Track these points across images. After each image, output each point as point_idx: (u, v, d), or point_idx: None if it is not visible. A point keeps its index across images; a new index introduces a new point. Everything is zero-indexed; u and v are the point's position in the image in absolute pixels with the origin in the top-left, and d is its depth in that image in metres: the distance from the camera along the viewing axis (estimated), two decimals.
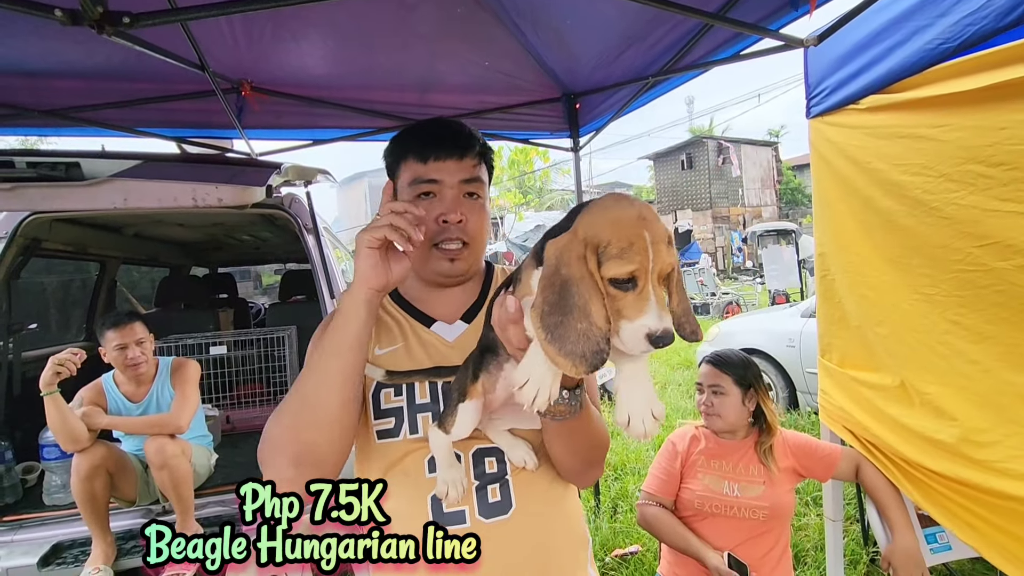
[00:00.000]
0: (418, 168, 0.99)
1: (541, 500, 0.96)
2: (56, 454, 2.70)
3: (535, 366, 0.69)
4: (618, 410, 0.69)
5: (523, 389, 0.69)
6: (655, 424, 0.68)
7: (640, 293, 0.64)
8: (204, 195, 1.63)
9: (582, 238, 0.66)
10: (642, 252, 0.63)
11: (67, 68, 2.22)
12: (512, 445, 0.95)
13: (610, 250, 0.64)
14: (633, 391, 0.69)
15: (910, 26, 1.59)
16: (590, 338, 0.63)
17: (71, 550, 2.45)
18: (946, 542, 1.86)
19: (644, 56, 2.39)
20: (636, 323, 0.63)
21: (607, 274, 0.64)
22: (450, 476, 0.89)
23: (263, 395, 3.90)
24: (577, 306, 0.64)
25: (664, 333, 0.63)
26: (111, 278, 4.10)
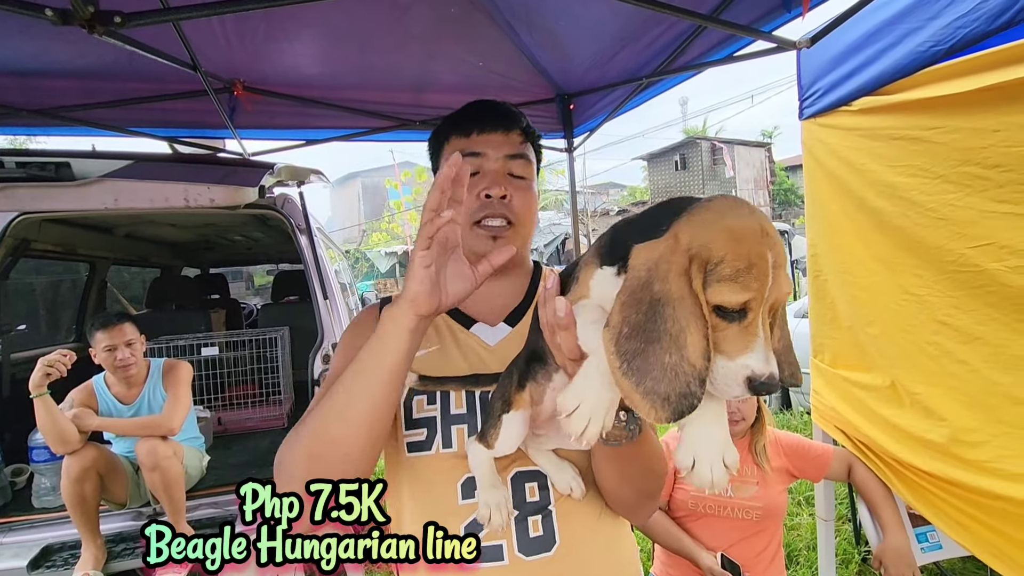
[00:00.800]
0: (462, 143, 0.93)
1: (589, 536, 0.85)
2: (46, 456, 2.68)
3: (589, 390, 0.57)
4: (682, 451, 0.57)
5: (572, 417, 0.57)
6: (724, 474, 0.56)
7: (748, 326, 0.52)
8: (196, 195, 1.62)
9: (686, 248, 0.53)
10: (761, 278, 0.51)
11: (58, 67, 2.19)
12: (557, 468, 0.84)
13: (722, 269, 0.51)
14: (704, 431, 0.57)
15: (902, 28, 1.60)
16: (679, 376, 0.51)
17: (61, 553, 2.43)
18: (937, 541, 1.87)
19: (638, 57, 2.39)
20: (737, 362, 0.52)
21: (715, 299, 0.52)
22: (493, 498, 0.79)
23: (255, 396, 3.88)
24: (669, 333, 0.52)
25: (769, 379, 0.51)
26: (101, 279, 4.07)
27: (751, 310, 0.52)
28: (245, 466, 3.14)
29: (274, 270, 6.59)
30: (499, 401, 0.77)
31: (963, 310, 1.47)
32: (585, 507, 0.85)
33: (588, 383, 0.58)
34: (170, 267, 5.20)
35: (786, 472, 1.84)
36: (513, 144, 0.94)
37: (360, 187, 35.66)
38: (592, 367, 0.58)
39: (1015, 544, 1.35)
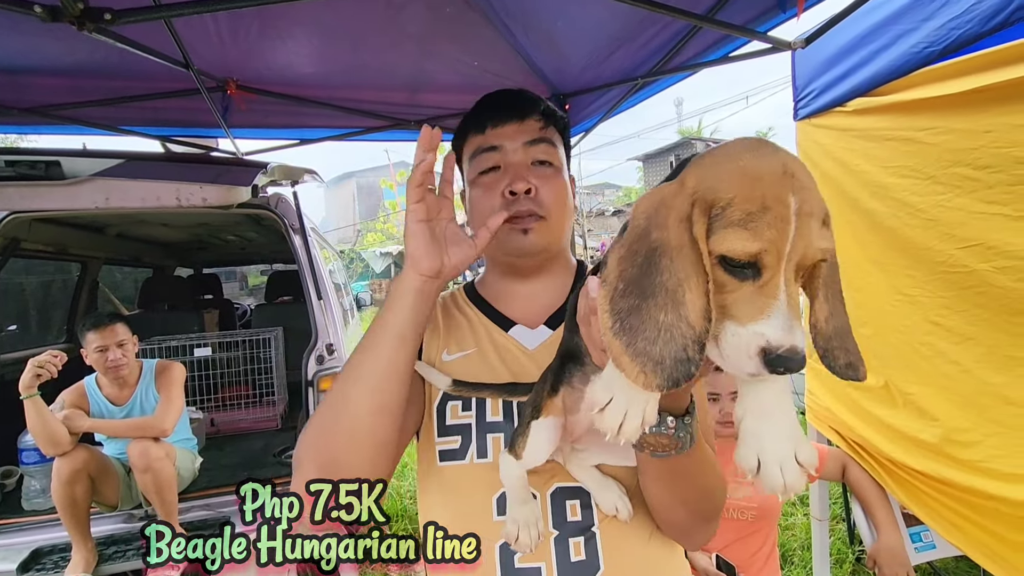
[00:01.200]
0: (478, 139, 0.88)
1: (637, 563, 0.77)
2: (35, 458, 2.65)
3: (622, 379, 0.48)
4: (743, 450, 0.49)
5: (605, 412, 0.50)
6: (799, 474, 0.47)
7: (764, 286, 0.43)
8: (188, 195, 1.60)
9: (691, 190, 0.46)
10: (778, 224, 0.42)
11: (48, 65, 2.17)
12: (601, 486, 0.77)
13: (730, 213, 0.43)
14: (768, 426, 0.48)
15: (896, 30, 1.60)
16: (674, 338, 0.44)
17: (51, 556, 2.41)
18: (930, 540, 1.87)
19: (634, 57, 2.39)
20: (748, 329, 0.43)
21: (718, 248, 0.44)
22: (522, 515, 0.72)
23: (249, 397, 3.86)
24: (665, 287, 0.45)
25: (789, 352, 0.42)
26: (93, 279, 4.04)
27: (766, 266, 0.43)
28: (238, 467, 3.11)
29: (268, 270, 6.56)
30: (530, 407, 0.71)
31: (955, 310, 1.47)
32: (633, 529, 0.78)
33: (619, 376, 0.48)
34: (163, 267, 5.16)
35: None
36: (531, 131, 0.88)
37: (355, 187, 35.57)
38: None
39: (1008, 544, 1.35)
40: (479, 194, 0.88)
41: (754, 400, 0.49)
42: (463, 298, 0.97)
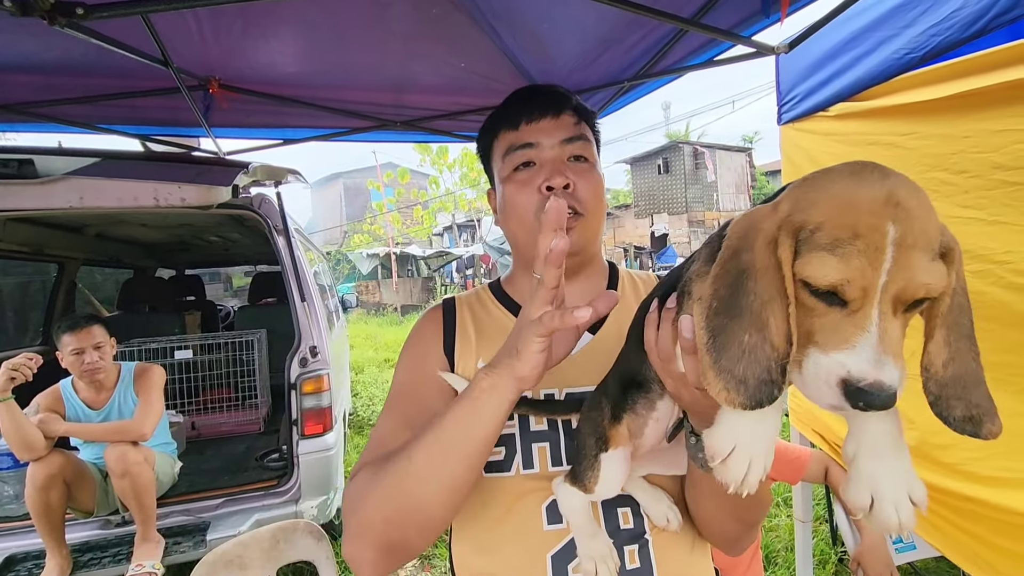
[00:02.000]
0: (511, 136, 0.87)
1: (685, 566, 0.79)
2: (9, 463, 2.59)
3: (744, 427, 0.48)
4: (855, 487, 0.48)
5: (728, 462, 0.48)
6: (912, 514, 0.46)
7: (853, 315, 0.42)
8: (167, 194, 1.57)
9: (782, 213, 0.45)
10: (869, 253, 0.40)
11: (22, 61, 2.12)
12: (652, 497, 0.77)
13: (818, 237, 0.42)
14: (881, 463, 0.47)
15: (877, 36, 1.62)
16: (757, 359, 0.44)
17: (25, 563, 2.35)
18: (911, 541, 1.89)
19: (621, 60, 2.39)
20: (831, 358, 0.42)
21: (802, 272, 0.43)
22: (595, 550, 0.71)
23: (231, 400, 3.81)
24: (750, 309, 0.45)
25: (873, 387, 0.40)
26: (70, 280, 3.96)
27: (851, 296, 0.41)
28: (219, 472, 3.07)
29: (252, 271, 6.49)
30: (592, 438, 0.68)
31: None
32: (680, 538, 0.79)
33: (743, 419, 0.49)
34: (143, 268, 5.08)
35: None
36: (567, 127, 0.87)
37: (342, 188, 35.36)
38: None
39: (987, 546, 1.36)
40: (513, 191, 0.86)
41: (867, 438, 0.48)
42: (491, 300, 0.94)
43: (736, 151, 29.63)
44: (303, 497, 2.73)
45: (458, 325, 0.90)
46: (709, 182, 27.15)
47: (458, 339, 0.88)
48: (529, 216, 0.84)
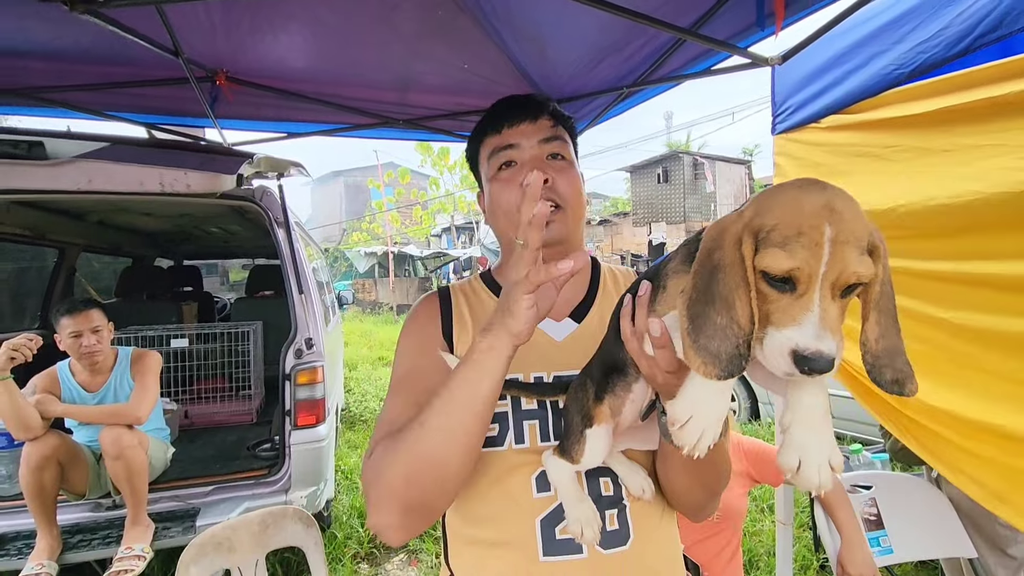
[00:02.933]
0: (494, 140, 0.95)
1: (656, 530, 0.87)
2: (2, 443, 2.61)
3: (701, 402, 0.58)
4: (786, 451, 0.57)
5: (685, 429, 0.58)
6: (831, 476, 0.56)
7: (800, 299, 0.51)
8: (172, 180, 1.61)
9: (746, 219, 0.55)
10: (812, 247, 0.50)
11: (34, 47, 2.16)
12: (629, 470, 0.85)
13: (772, 236, 0.52)
14: (810, 432, 0.56)
15: (868, 51, 1.68)
16: (728, 336, 0.53)
17: (15, 542, 2.37)
18: (888, 545, 1.93)
19: (620, 67, 2.44)
20: (782, 333, 0.52)
21: (760, 264, 0.53)
22: (583, 513, 0.78)
23: (225, 390, 3.83)
24: (721, 296, 0.54)
25: (815, 355, 0.49)
26: (70, 266, 3.98)
27: (800, 281, 0.51)
28: (210, 460, 3.09)
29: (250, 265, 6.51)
30: (578, 416, 0.76)
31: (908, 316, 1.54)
32: (652, 505, 0.87)
33: (699, 394, 0.59)
34: (143, 257, 5.10)
35: (747, 476, 1.88)
36: (544, 129, 0.95)
37: (343, 186, 35.38)
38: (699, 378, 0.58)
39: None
40: (498, 189, 0.94)
41: (800, 411, 0.57)
42: (483, 288, 1.00)
43: (736, 163, 29.79)
44: (293, 487, 2.76)
45: (454, 310, 0.96)
46: (708, 193, 27.28)
47: (455, 323, 0.95)
48: (514, 210, 0.90)
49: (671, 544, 0.91)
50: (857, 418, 4.17)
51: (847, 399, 4.11)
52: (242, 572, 1.66)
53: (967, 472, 1.48)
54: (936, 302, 1.46)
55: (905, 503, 2.00)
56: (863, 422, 4.15)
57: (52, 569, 2.24)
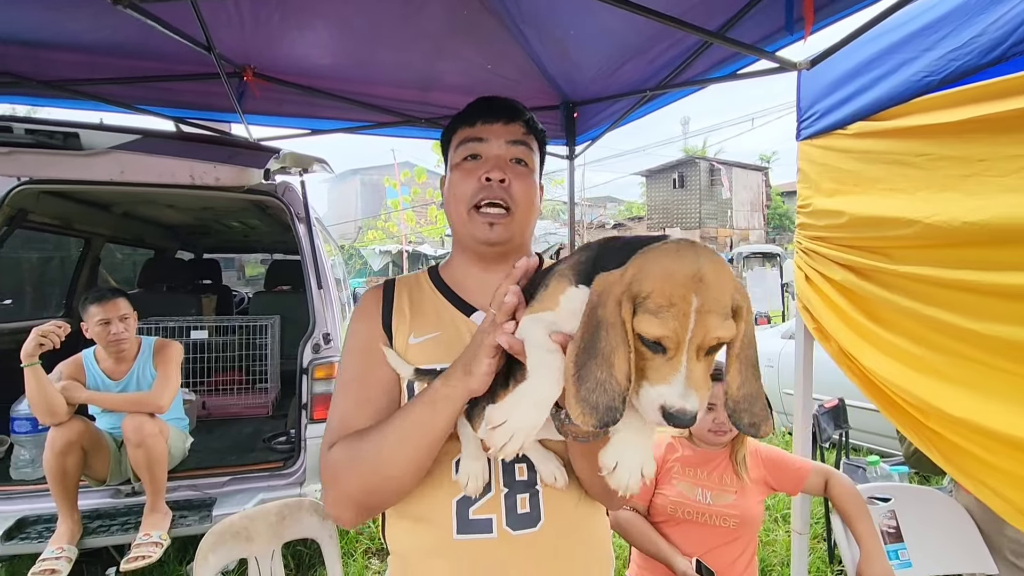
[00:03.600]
0: (467, 131, 0.99)
1: (570, 515, 0.91)
2: (27, 428, 2.67)
3: (518, 410, 0.64)
4: (607, 453, 0.64)
5: (496, 431, 0.63)
6: (640, 483, 0.63)
7: (670, 361, 0.57)
8: (202, 173, 1.64)
9: (627, 281, 0.60)
10: (680, 318, 0.56)
11: (69, 40, 2.21)
12: (542, 458, 0.89)
13: (648, 303, 0.57)
14: (631, 441, 0.64)
15: (898, 58, 1.66)
16: (606, 390, 0.58)
17: (36, 526, 2.42)
18: (907, 559, 1.91)
19: (643, 70, 2.44)
20: (655, 389, 0.57)
21: (637, 327, 0.58)
22: (473, 468, 0.85)
23: (241, 383, 3.88)
24: (603, 352, 0.59)
25: (680, 413, 0.56)
26: (95, 256, 4.06)
27: (669, 346, 0.57)
28: (226, 451, 3.13)
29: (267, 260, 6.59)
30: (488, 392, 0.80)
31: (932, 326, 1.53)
32: (567, 492, 0.91)
33: (518, 403, 0.64)
34: (164, 249, 5.18)
35: (764, 483, 1.87)
36: (514, 132, 0.99)
37: (359, 184, 35.64)
38: (528, 390, 0.64)
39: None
40: (459, 177, 0.98)
41: (629, 421, 0.62)
42: (428, 283, 1.05)
43: (753, 169, 29.55)
44: (307, 480, 2.79)
45: (395, 303, 1.01)
46: (724, 199, 27.09)
47: (395, 316, 0.99)
48: (465, 202, 0.96)
49: (586, 530, 0.94)
50: (876, 431, 4.12)
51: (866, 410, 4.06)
52: (259, 562, 1.68)
53: (990, 485, 1.46)
54: (964, 312, 1.44)
55: (925, 516, 1.97)
56: (882, 434, 4.10)
57: (72, 553, 2.28)
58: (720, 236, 27.01)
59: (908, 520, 1.95)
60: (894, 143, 1.66)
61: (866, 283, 1.76)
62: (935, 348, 1.56)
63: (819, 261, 1.98)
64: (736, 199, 27.69)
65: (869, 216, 1.71)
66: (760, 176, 29.73)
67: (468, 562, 0.86)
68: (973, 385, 1.45)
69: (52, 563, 2.19)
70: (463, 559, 0.86)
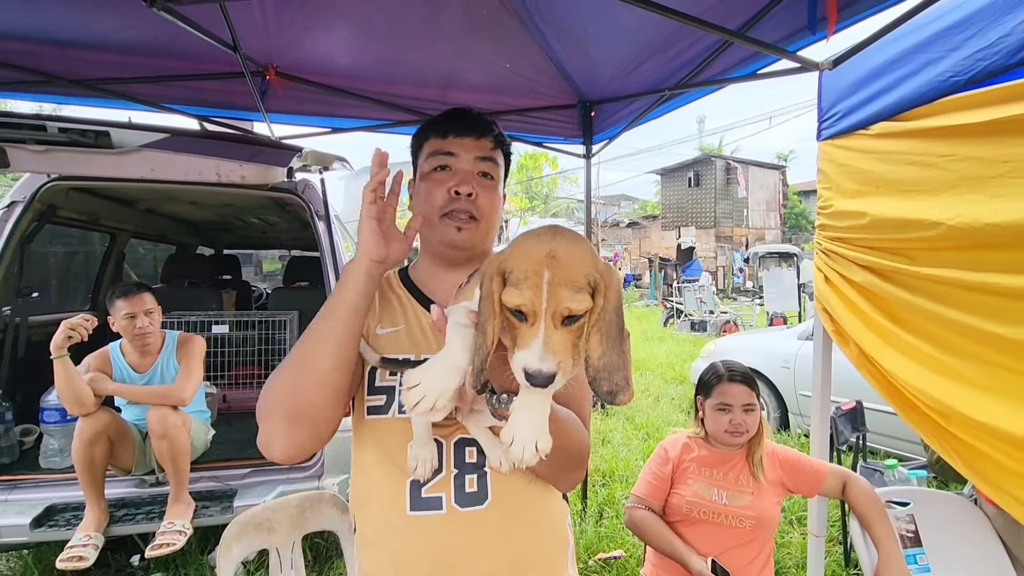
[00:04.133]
0: (437, 142, 1.04)
1: (519, 495, 0.97)
2: (56, 418, 2.74)
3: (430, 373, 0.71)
4: (505, 430, 0.69)
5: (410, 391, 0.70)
6: (535, 456, 0.68)
7: (531, 328, 0.65)
8: (228, 171, 1.68)
9: (500, 259, 0.69)
10: (534, 288, 0.64)
11: (99, 40, 2.26)
12: (491, 444, 0.94)
13: (511, 277, 0.66)
14: (526, 417, 0.69)
15: (923, 58, 1.64)
16: (479, 354, 0.67)
17: (64, 513, 2.48)
18: (926, 563, 1.89)
19: (662, 69, 2.44)
20: (518, 355, 0.65)
21: (503, 299, 0.66)
22: (422, 453, 0.91)
23: (261, 377, 3.93)
24: (481, 322, 0.68)
25: (537, 374, 0.63)
26: (120, 251, 4.14)
27: (528, 315, 0.64)
28: (246, 444, 3.18)
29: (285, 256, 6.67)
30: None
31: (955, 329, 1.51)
32: (517, 473, 0.96)
33: (432, 367, 0.71)
34: (186, 245, 5.27)
35: (781, 485, 1.87)
36: (484, 148, 1.04)
37: None
38: (441, 357, 0.71)
39: None
40: (428, 187, 1.04)
41: (524, 399, 0.70)
42: (396, 281, 1.12)
43: (770, 168, 29.19)
44: (326, 474, 2.82)
45: None
46: (740, 198, 26.79)
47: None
48: (434, 211, 1.02)
49: (537, 509, 1.00)
50: (894, 434, 4.07)
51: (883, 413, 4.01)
52: (280, 553, 1.71)
53: (1012, 492, 1.44)
54: (987, 316, 1.43)
55: (944, 521, 1.95)
56: (900, 438, 4.05)
57: (99, 540, 2.34)
58: (736, 235, 26.75)
59: (927, 525, 1.93)
60: (918, 144, 1.65)
61: (888, 285, 1.75)
62: (957, 352, 1.54)
63: (839, 262, 1.96)
64: (752, 198, 27.38)
65: (892, 218, 1.70)
66: (777, 175, 29.37)
67: (419, 536, 0.93)
68: (996, 390, 1.43)
69: (80, 550, 2.25)
70: (414, 534, 0.93)
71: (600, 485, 4.01)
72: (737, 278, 23.66)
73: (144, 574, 2.77)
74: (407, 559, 0.93)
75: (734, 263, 24.18)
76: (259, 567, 2.78)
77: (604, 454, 4.61)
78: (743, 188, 26.26)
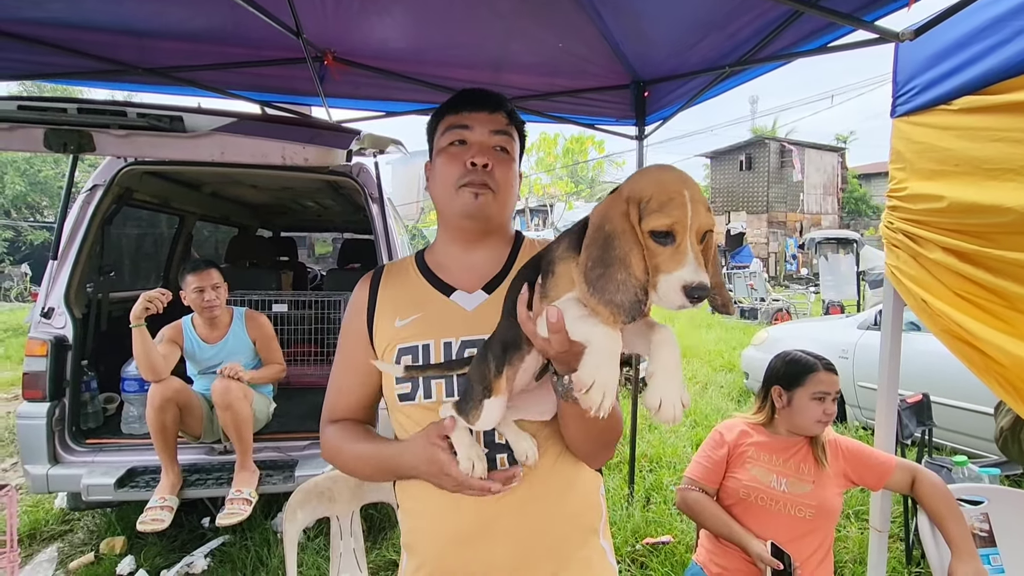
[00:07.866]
0: (453, 118, 1.05)
1: (547, 472, 1.01)
2: (135, 387, 2.94)
3: (601, 369, 0.69)
4: (650, 394, 0.71)
5: (590, 393, 0.69)
6: (682, 412, 0.71)
7: (678, 247, 0.66)
8: (292, 153, 1.74)
9: (625, 196, 0.70)
10: (681, 207, 0.66)
11: (170, 30, 2.37)
12: (517, 438, 0.98)
13: (651, 204, 0.67)
14: (668, 378, 0.71)
15: (1015, 25, 1.51)
16: (628, 287, 0.66)
17: (143, 475, 2.68)
18: (1000, 564, 1.79)
19: (721, 46, 2.35)
20: (673, 275, 0.66)
21: (647, 227, 0.67)
22: (473, 452, 0.93)
23: (316, 355, 4.08)
24: (618, 258, 0.68)
25: (700, 286, 0.64)
26: (188, 231, 4.37)
27: (678, 233, 0.66)
28: (304, 417, 3.32)
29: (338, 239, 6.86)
30: (480, 386, 0.88)
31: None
32: (545, 450, 1.01)
33: (599, 362, 0.69)
34: (247, 227, 5.50)
35: (844, 476, 1.81)
36: (498, 122, 1.05)
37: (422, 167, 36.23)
38: (598, 349, 0.69)
39: None
40: (444, 161, 1.05)
41: (660, 362, 0.72)
42: (413, 267, 1.14)
43: (827, 150, 27.78)
44: None
45: (379, 294, 1.12)
46: (795, 182, 25.64)
47: (379, 304, 1.11)
48: (451, 184, 1.03)
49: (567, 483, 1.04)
50: (963, 430, 3.86)
51: (952, 408, 3.82)
52: (340, 521, 1.79)
53: None
54: None
55: (1022, 521, 1.84)
56: (970, 434, 3.84)
57: (173, 503, 2.52)
58: (790, 221, 25.69)
59: (1002, 524, 1.83)
60: (1006, 119, 1.53)
61: (970, 267, 1.64)
62: None
63: (918, 242, 1.85)
64: (808, 182, 26.16)
65: (972, 203, 1.59)
66: (835, 157, 27.92)
67: (453, 509, 0.99)
68: None
69: (157, 512, 2.43)
70: (449, 507, 1.00)
71: (648, 471, 3.99)
72: (790, 265, 22.77)
73: (213, 535, 2.96)
74: (442, 531, 1.01)
75: (787, 249, 23.27)
76: (317, 534, 2.92)
77: (652, 440, 4.57)
78: (798, 171, 25.09)
